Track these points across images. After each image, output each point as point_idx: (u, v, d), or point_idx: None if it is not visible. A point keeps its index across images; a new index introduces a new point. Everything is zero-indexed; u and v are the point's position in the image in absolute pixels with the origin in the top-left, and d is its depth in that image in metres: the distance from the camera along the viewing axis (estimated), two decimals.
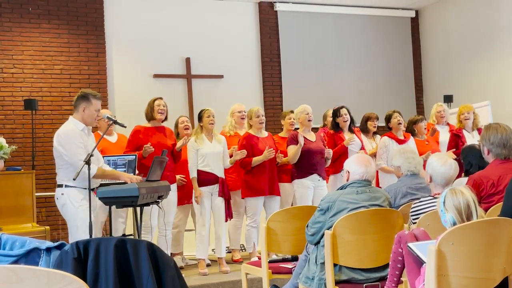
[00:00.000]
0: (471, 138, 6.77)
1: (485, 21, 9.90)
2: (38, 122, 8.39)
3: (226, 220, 6.09)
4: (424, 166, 4.22)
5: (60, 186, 4.66)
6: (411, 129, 7.06)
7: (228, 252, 6.59)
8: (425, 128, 6.97)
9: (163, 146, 5.65)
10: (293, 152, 6.26)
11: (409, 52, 11.27)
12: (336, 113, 6.71)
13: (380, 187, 6.20)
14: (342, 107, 6.71)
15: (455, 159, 4.19)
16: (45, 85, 8.57)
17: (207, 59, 9.67)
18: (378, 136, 7.17)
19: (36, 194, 6.00)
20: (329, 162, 6.49)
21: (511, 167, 3.80)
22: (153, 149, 5.56)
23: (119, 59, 9.18)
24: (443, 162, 3.79)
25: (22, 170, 5.98)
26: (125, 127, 4.94)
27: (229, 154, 6.23)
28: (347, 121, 6.68)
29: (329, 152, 6.39)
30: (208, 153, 5.96)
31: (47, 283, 1.75)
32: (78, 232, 4.45)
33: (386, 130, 7.05)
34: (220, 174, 6.05)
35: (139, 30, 9.29)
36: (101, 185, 4.77)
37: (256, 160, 6.10)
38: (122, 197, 4.47)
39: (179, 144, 5.87)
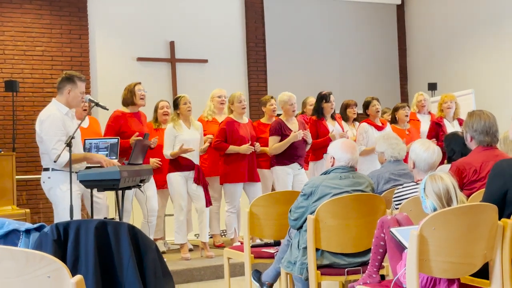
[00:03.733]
0: (451, 128, 6.75)
1: (470, 10, 9.92)
2: (19, 104, 8.28)
3: (207, 206, 6.07)
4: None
5: (47, 169, 4.60)
6: (393, 117, 7.06)
7: (209, 238, 6.58)
8: (406, 116, 6.95)
9: (142, 133, 5.61)
10: (278, 146, 6.22)
11: (394, 40, 11.29)
12: (324, 97, 6.62)
13: None
14: (330, 93, 6.66)
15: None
16: (26, 67, 8.46)
17: (192, 43, 9.59)
18: (357, 123, 7.18)
19: (17, 177, 5.93)
20: (308, 146, 6.46)
21: (494, 154, 3.82)
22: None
23: (102, 41, 9.07)
24: (426, 148, 3.80)
25: (3, 152, 5.90)
26: (107, 109, 4.89)
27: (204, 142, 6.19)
28: (333, 108, 6.66)
29: (307, 136, 6.34)
30: (188, 139, 5.91)
31: (25, 264, 1.73)
32: (65, 215, 4.40)
33: (364, 117, 7.05)
34: (196, 161, 6.02)
35: (122, 13, 9.18)
36: (87, 168, 4.72)
37: (233, 149, 6.07)
38: (104, 180, 4.42)
39: (153, 144, 5.82)
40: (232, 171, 6.16)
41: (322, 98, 6.62)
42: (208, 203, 6.03)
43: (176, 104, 6.05)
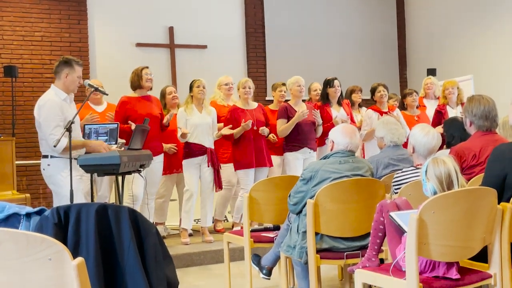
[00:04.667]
0: (455, 114, 6.75)
1: None
2: (19, 89, 8.26)
3: (217, 190, 6.08)
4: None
5: (46, 156, 4.59)
6: (402, 103, 7.05)
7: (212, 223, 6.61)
8: (413, 102, 6.92)
9: (151, 116, 5.60)
10: (284, 127, 6.23)
11: (393, 25, 11.24)
12: (329, 83, 6.63)
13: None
14: (335, 78, 6.66)
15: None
16: (25, 52, 8.43)
17: (191, 29, 9.56)
18: (363, 109, 7.17)
19: (17, 162, 5.93)
20: (320, 129, 6.45)
21: (493, 139, 3.81)
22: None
23: (101, 27, 9.03)
24: (425, 133, 3.80)
25: (2, 138, 5.90)
26: (107, 94, 4.90)
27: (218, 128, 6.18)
28: (338, 92, 6.65)
29: (316, 115, 6.32)
30: (197, 124, 5.92)
31: (26, 246, 1.73)
32: (67, 201, 4.40)
33: (371, 102, 7.04)
34: (209, 145, 6.01)
35: None
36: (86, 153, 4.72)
37: (236, 132, 6.05)
38: (104, 165, 4.42)
39: (165, 119, 5.83)
40: (242, 158, 6.15)
41: (327, 83, 6.65)
42: (219, 187, 6.05)
43: (191, 87, 6.06)
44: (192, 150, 5.94)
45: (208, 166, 5.95)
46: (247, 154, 6.11)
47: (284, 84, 6.69)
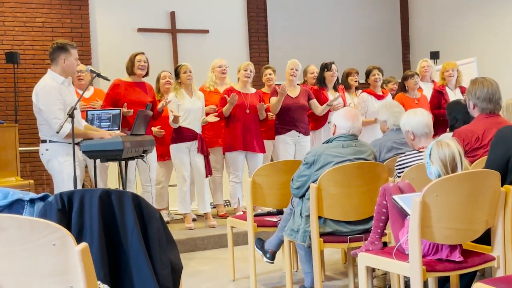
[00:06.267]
0: (454, 96, 6.70)
1: None
2: (21, 76, 8.25)
3: (207, 176, 6.08)
4: None
5: (44, 141, 4.60)
6: (403, 85, 6.99)
7: (213, 208, 6.62)
8: (415, 84, 6.86)
9: (141, 103, 5.59)
10: (273, 102, 6.26)
11: (396, 8, 11.18)
12: (326, 67, 6.61)
13: None
14: (332, 62, 6.63)
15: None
16: (26, 38, 8.41)
17: (192, 14, 9.51)
18: (360, 91, 7.13)
19: (20, 148, 5.94)
20: (323, 108, 6.43)
21: (496, 122, 3.80)
22: (132, 112, 5.50)
23: (103, 12, 9.00)
24: (414, 113, 3.83)
25: (5, 124, 5.90)
26: (109, 80, 4.88)
27: (206, 112, 6.17)
28: (334, 77, 6.62)
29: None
30: (190, 109, 5.91)
31: (30, 232, 1.73)
32: (64, 187, 4.42)
33: (366, 85, 7.00)
34: (199, 130, 6.02)
35: None
36: (85, 139, 4.72)
37: (225, 109, 6.03)
38: (107, 151, 4.42)
39: (160, 105, 5.80)
40: (230, 140, 6.16)
41: (324, 67, 6.62)
42: (208, 173, 6.05)
43: (177, 73, 6.03)
44: (183, 134, 5.92)
45: (198, 152, 5.95)
46: (235, 136, 6.12)
47: (267, 68, 6.74)
